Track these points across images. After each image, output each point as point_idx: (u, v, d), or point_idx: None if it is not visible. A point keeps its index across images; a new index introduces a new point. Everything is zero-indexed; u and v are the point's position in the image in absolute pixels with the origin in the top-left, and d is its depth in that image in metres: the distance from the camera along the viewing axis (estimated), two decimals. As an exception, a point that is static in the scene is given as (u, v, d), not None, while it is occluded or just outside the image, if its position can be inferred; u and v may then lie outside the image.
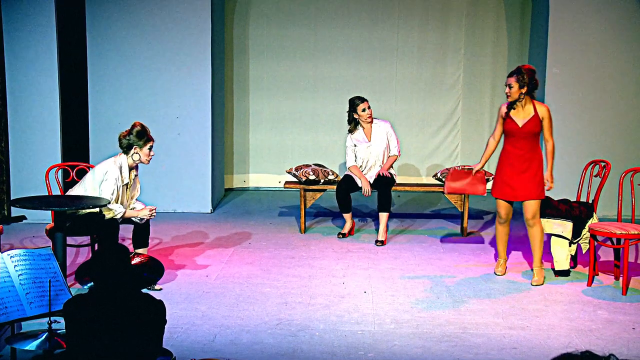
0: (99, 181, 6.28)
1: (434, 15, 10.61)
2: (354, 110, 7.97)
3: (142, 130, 6.43)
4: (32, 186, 8.29)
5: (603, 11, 9.12)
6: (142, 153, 6.44)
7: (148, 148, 6.45)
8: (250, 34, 10.62)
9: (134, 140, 6.40)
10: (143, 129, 6.44)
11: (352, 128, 8.03)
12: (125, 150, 6.43)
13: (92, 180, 6.31)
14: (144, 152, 6.44)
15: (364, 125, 8.02)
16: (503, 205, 6.64)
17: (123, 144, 6.43)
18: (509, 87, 6.45)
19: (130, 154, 6.42)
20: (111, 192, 6.24)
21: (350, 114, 8.02)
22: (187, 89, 9.28)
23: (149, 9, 9.19)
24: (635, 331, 5.58)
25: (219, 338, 5.36)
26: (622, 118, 9.27)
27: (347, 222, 8.11)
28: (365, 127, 8.02)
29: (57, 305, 4.46)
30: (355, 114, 7.97)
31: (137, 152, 6.41)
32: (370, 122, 7.99)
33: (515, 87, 6.42)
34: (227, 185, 10.70)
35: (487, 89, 10.71)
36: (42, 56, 8.65)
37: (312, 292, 6.36)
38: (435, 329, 5.58)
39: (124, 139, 6.42)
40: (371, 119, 8.00)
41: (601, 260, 7.17)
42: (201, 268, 7.02)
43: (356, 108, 7.95)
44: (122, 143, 6.43)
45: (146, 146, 6.43)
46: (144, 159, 6.47)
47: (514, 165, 6.53)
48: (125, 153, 6.43)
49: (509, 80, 6.45)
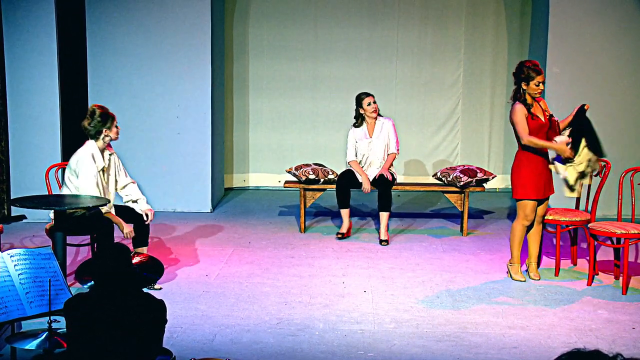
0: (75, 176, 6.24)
1: (433, 14, 10.61)
2: (360, 105, 8.00)
3: (104, 112, 6.39)
4: (32, 185, 8.28)
5: (603, 10, 9.12)
6: (112, 132, 6.41)
7: (115, 126, 6.42)
8: (250, 33, 10.62)
9: (101, 124, 6.35)
10: (104, 111, 6.41)
11: (358, 123, 8.05)
12: (95, 136, 6.37)
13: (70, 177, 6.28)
14: (113, 131, 6.41)
15: (368, 121, 8.04)
16: (534, 206, 6.57)
17: (91, 131, 6.36)
18: (544, 83, 6.43)
19: (100, 138, 6.37)
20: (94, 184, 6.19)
21: (357, 110, 8.05)
22: (187, 88, 9.28)
23: (149, 9, 9.19)
24: (635, 331, 5.59)
25: (218, 337, 5.36)
26: (622, 117, 9.27)
27: (344, 221, 8.08)
28: (369, 123, 8.04)
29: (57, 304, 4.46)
30: (361, 108, 8.00)
31: (107, 134, 6.38)
32: (375, 117, 8.02)
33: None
34: (227, 184, 10.70)
35: (487, 88, 10.71)
36: (42, 56, 8.65)
37: (312, 292, 6.36)
38: (435, 328, 5.58)
39: (90, 126, 6.36)
40: (376, 114, 8.02)
41: (601, 260, 7.16)
42: (201, 267, 7.02)
43: (362, 102, 7.98)
44: (89, 130, 6.36)
45: (113, 125, 6.41)
46: (114, 136, 6.43)
47: (545, 161, 6.49)
48: (95, 139, 6.38)
49: (543, 77, 6.42)
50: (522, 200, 6.51)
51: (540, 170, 6.48)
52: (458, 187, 8.14)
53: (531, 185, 6.48)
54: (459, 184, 8.10)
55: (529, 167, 6.48)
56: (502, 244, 7.89)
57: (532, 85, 6.39)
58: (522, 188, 6.49)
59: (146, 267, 5.54)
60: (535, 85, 6.39)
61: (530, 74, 6.38)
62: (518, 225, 6.59)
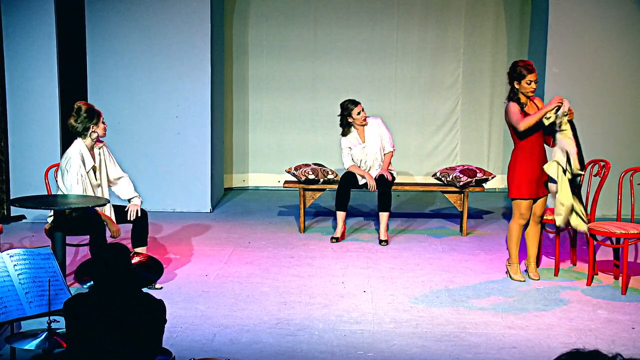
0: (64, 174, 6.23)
1: (433, 14, 10.61)
2: (349, 115, 7.94)
3: (90, 109, 6.35)
4: (32, 186, 8.28)
5: (603, 10, 9.12)
6: (99, 129, 6.38)
7: (102, 122, 6.39)
8: (249, 33, 10.62)
9: (88, 121, 6.32)
10: (90, 107, 6.37)
11: (346, 131, 8.01)
12: (82, 134, 6.35)
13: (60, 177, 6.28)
14: (100, 127, 6.38)
15: (357, 127, 8.00)
16: (529, 205, 6.56)
17: (78, 129, 6.33)
18: (536, 82, 6.45)
19: (87, 136, 6.35)
20: (76, 183, 6.17)
21: (343, 118, 7.99)
22: (187, 88, 9.28)
23: (149, 9, 9.19)
24: (634, 331, 5.59)
25: (218, 337, 5.36)
26: (621, 117, 9.27)
27: (339, 224, 8.02)
28: (359, 129, 8.01)
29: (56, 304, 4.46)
30: (350, 117, 7.94)
31: (94, 130, 6.35)
32: (365, 124, 7.98)
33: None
34: (226, 184, 10.70)
35: (486, 88, 10.71)
36: (42, 56, 8.65)
37: (312, 292, 6.36)
38: (434, 328, 5.58)
39: (77, 123, 6.32)
40: (366, 122, 7.98)
41: (600, 260, 7.17)
42: (200, 267, 7.02)
43: (351, 113, 7.91)
44: (76, 128, 6.33)
45: (100, 121, 6.37)
46: (101, 133, 6.40)
47: (540, 161, 6.48)
48: (82, 136, 6.36)
49: (535, 76, 6.44)
50: (516, 200, 6.53)
51: (535, 170, 6.48)
52: (457, 187, 8.14)
53: (525, 185, 6.49)
54: (459, 184, 8.10)
55: (523, 166, 6.49)
56: (501, 244, 7.89)
57: (524, 84, 6.41)
58: (517, 187, 6.51)
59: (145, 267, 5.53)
60: (527, 84, 6.40)
61: (522, 72, 6.41)
62: (514, 224, 6.61)
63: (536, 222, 6.65)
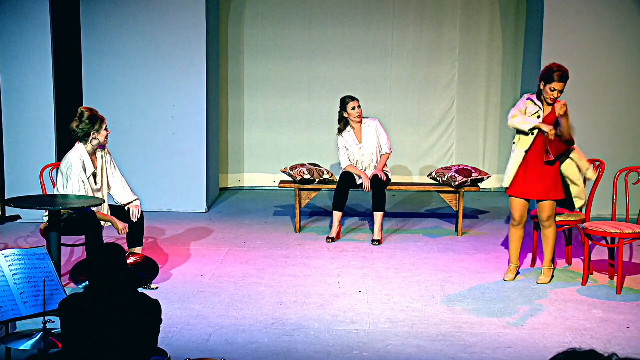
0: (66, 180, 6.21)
1: (429, 14, 10.61)
2: (344, 109, 7.98)
3: (93, 114, 6.32)
4: (27, 186, 8.26)
5: (598, 10, 9.13)
6: (101, 135, 6.36)
7: (104, 129, 6.37)
8: (245, 33, 10.61)
9: (89, 127, 6.30)
10: (93, 113, 6.34)
11: (341, 127, 8.02)
12: (83, 139, 6.33)
13: (62, 180, 6.26)
14: (102, 134, 6.35)
15: (353, 126, 8.01)
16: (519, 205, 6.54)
17: (79, 134, 6.31)
18: (560, 92, 6.22)
19: (89, 141, 6.33)
20: (78, 190, 6.16)
21: (341, 112, 8.03)
22: (182, 88, 9.27)
23: (144, 9, 9.18)
24: (630, 330, 5.60)
25: (214, 337, 5.36)
26: (616, 117, 9.28)
27: (334, 225, 8.03)
28: (355, 128, 8.01)
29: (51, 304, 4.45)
30: (345, 112, 7.97)
31: (95, 137, 6.33)
32: (359, 122, 7.98)
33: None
34: (222, 184, 10.69)
35: (482, 88, 10.72)
36: (37, 56, 8.63)
37: (307, 292, 6.36)
38: (430, 328, 5.58)
39: (78, 128, 6.30)
40: (360, 120, 7.98)
41: (596, 260, 7.18)
42: (196, 267, 7.01)
43: (346, 107, 7.95)
44: (77, 133, 6.31)
45: (102, 128, 6.35)
46: (102, 140, 6.38)
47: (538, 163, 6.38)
48: (84, 141, 6.34)
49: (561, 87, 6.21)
50: (509, 197, 6.58)
51: (530, 170, 6.41)
52: (453, 187, 8.15)
53: (516, 183, 6.47)
54: (454, 183, 8.10)
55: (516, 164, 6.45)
56: (497, 244, 7.90)
57: (548, 89, 6.23)
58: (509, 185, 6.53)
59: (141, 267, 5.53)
60: (550, 90, 6.22)
61: (551, 77, 6.20)
62: (510, 225, 6.65)
63: (545, 226, 6.57)
